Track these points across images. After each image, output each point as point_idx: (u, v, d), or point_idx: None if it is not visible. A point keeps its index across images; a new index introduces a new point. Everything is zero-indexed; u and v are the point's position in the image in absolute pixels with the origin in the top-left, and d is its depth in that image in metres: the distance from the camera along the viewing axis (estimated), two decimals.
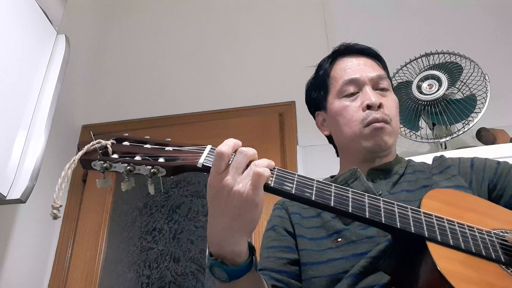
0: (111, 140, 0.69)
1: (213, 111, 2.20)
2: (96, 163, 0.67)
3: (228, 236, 0.64)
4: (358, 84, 0.93)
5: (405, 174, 0.91)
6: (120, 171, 0.67)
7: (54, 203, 0.64)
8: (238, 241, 0.64)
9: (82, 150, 0.67)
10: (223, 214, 0.63)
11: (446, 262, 0.60)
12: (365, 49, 1.00)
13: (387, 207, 0.66)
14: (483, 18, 2.08)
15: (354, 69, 0.95)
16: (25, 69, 1.48)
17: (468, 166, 0.89)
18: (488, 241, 0.65)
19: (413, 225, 0.64)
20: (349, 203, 0.65)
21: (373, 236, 0.77)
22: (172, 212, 2.02)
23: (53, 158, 1.76)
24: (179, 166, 0.67)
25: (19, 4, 1.47)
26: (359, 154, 0.93)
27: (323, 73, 1.01)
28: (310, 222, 0.88)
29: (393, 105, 0.94)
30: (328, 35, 2.19)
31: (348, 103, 0.93)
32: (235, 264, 0.65)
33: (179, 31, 2.44)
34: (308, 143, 1.97)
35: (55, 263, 1.95)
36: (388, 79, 0.98)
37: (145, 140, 0.71)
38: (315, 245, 0.83)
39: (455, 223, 0.67)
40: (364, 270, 0.74)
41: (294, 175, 0.67)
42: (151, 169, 0.66)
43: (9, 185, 1.34)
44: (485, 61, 1.67)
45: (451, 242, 0.63)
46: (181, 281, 1.86)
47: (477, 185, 0.85)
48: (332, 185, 0.67)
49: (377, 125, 0.89)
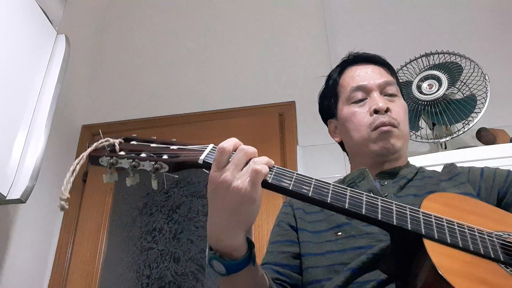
0: (119, 139, 0.73)
1: (213, 111, 2.20)
2: (103, 158, 0.70)
3: (226, 230, 0.66)
4: (366, 90, 0.96)
5: (413, 180, 0.91)
6: (126, 166, 0.70)
7: (62, 195, 0.66)
8: (236, 235, 0.66)
9: (91, 146, 0.70)
10: (222, 208, 0.65)
11: (442, 258, 0.59)
12: (373, 57, 1.03)
13: (385, 205, 0.67)
14: (483, 18, 2.08)
15: (362, 76, 0.98)
16: (25, 69, 1.48)
17: (478, 175, 0.89)
18: (488, 241, 0.65)
19: (410, 222, 0.64)
20: (346, 199, 0.66)
21: (373, 233, 0.78)
22: (172, 212, 2.02)
23: (53, 158, 1.76)
24: (181, 162, 0.69)
25: (19, 4, 1.47)
26: (368, 158, 0.94)
27: (332, 82, 1.05)
28: (313, 217, 0.90)
29: (401, 110, 0.95)
30: (328, 35, 2.18)
31: (357, 109, 0.96)
32: (233, 258, 0.67)
33: (179, 31, 2.44)
34: (308, 143, 1.97)
35: (55, 263, 1.95)
36: (396, 85, 1.00)
37: (152, 140, 0.75)
38: (315, 238, 0.86)
39: (455, 223, 0.67)
40: (363, 265, 0.75)
41: (293, 173, 0.69)
42: (154, 165, 0.69)
43: (9, 185, 1.34)
44: (485, 61, 1.67)
45: (449, 240, 0.63)
46: (181, 281, 1.86)
47: (486, 193, 0.85)
48: (330, 184, 0.68)
49: (384, 128, 0.90)
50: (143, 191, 2.08)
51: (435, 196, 0.74)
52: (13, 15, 1.44)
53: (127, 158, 0.70)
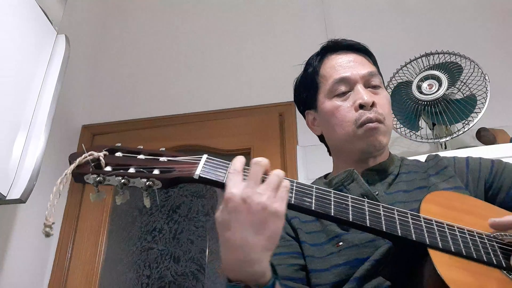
0: (103, 151, 0.67)
1: (213, 111, 2.20)
2: (89, 176, 0.64)
3: (249, 254, 0.58)
4: (349, 83, 0.91)
5: (400, 174, 0.90)
6: (114, 184, 0.64)
7: (46, 221, 0.59)
8: (261, 258, 0.59)
9: (74, 163, 0.63)
10: (243, 229, 0.58)
11: (447, 269, 0.60)
12: (354, 45, 0.98)
13: (388, 214, 0.66)
14: (483, 18, 2.08)
15: (344, 66, 0.93)
16: (25, 69, 1.48)
17: (463, 166, 0.89)
18: (489, 246, 0.65)
19: (414, 232, 0.64)
20: (349, 211, 0.64)
21: (374, 239, 0.76)
22: (172, 212, 2.02)
23: (53, 158, 1.76)
24: (175, 178, 0.64)
25: (19, 4, 1.47)
26: (353, 155, 0.91)
27: (312, 71, 0.99)
28: (309, 227, 0.87)
29: (385, 103, 0.92)
30: (328, 35, 2.18)
31: (340, 103, 0.91)
32: (261, 284, 0.60)
33: (179, 31, 2.44)
34: (308, 143, 1.97)
35: (55, 263, 1.94)
36: (379, 75, 0.96)
37: (138, 151, 0.69)
38: (318, 252, 0.81)
39: (455, 228, 0.67)
40: (367, 273, 0.73)
41: (292, 182, 0.66)
42: (146, 182, 0.64)
43: (9, 185, 1.34)
44: (485, 61, 1.67)
45: (453, 249, 0.63)
46: (181, 281, 1.86)
47: (473, 185, 0.85)
48: (331, 192, 0.67)
49: (371, 125, 0.87)
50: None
51: (431, 196, 0.75)
52: (13, 15, 1.44)
53: (115, 175, 0.64)
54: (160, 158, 0.67)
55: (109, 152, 0.68)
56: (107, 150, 0.68)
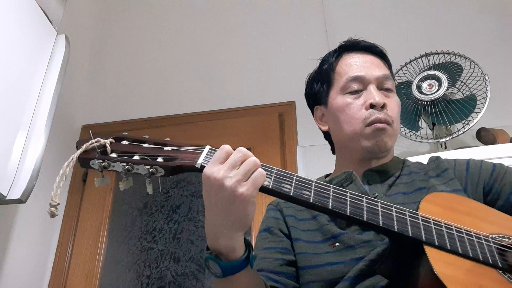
0: (110, 139, 0.69)
1: (213, 111, 2.20)
2: (94, 161, 0.67)
3: (221, 229, 0.64)
4: (363, 82, 0.92)
5: (400, 176, 0.90)
6: (119, 170, 0.67)
7: (52, 201, 0.62)
8: (232, 235, 0.64)
9: (81, 148, 0.66)
10: (215, 207, 0.64)
11: (443, 266, 0.60)
12: (372, 47, 0.99)
13: (385, 210, 0.66)
14: (483, 18, 2.08)
15: (360, 66, 0.94)
16: (25, 69, 1.48)
17: (463, 170, 0.89)
18: (486, 246, 0.65)
19: (410, 228, 0.64)
20: (347, 205, 0.65)
21: (370, 240, 0.77)
22: (172, 212, 2.02)
23: (53, 158, 1.76)
24: (178, 166, 0.67)
25: (19, 4, 1.47)
26: (357, 154, 0.92)
27: (327, 67, 0.99)
28: (305, 225, 0.87)
29: (395, 107, 0.93)
30: (328, 35, 2.19)
31: (351, 100, 0.91)
32: (230, 259, 0.65)
33: (179, 31, 2.44)
34: (308, 143, 1.97)
35: (55, 263, 1.95)
36: (392, 79, 0.97)
37: (144, 140, 0.71)
38: (312, 248, 0.82)
39: (453, 227, 0.67)
40: (361, 272, 0.74)
41: (292, 176, 0.67)
42: (149, 169, 0.66)
43: (9, 185, 1.34)
44: (485, 61, 1.67)
45: (448, 246, 0.63)
46: (181, 281, 1.86)
47: (472, 189, 0.85)
48: (330, 187, 0.67)
49: (379, 125, 0.87)
50: (143, 191, 2.05)
51: (431, 196, 0.75)
52: (13, 15, 1.44)
53: (120, 161, 0.66)
54: (164, 147, 0.69)
55: (115, 140, 0.70)
56: (113, 138, 0.70)
